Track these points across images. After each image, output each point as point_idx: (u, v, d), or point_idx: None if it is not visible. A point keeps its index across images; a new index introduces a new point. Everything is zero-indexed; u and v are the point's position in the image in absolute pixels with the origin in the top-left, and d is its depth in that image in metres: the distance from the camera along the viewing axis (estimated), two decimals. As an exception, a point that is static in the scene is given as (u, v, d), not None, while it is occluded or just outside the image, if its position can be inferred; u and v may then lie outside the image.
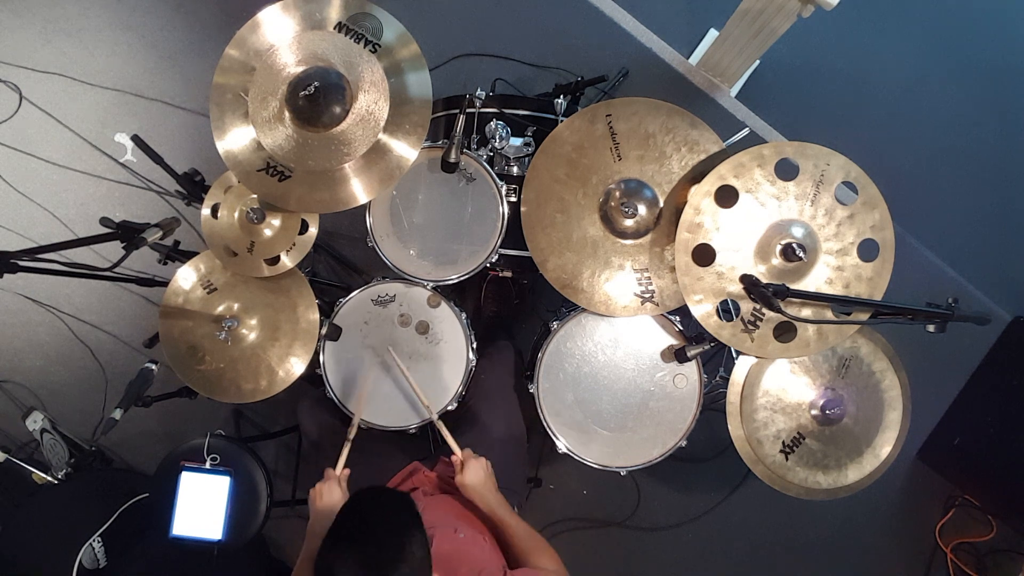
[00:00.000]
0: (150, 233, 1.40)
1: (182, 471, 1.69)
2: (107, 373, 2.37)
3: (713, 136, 1.47)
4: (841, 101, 2.39)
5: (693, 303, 1.41)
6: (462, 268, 1.60)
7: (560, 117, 1.66)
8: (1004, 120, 2.39)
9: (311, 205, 1.45)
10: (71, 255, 1.69)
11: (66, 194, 2.38)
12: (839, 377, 1.53)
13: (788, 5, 1.74)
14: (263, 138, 1.41)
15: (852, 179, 1.38)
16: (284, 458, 2.32)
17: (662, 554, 2.35)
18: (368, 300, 1.66)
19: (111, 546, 1.98)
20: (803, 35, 1.98)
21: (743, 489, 2.33)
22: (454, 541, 1.24)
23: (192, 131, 2.38)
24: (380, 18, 1.41)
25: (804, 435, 1.52)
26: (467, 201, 1.59)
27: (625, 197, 1.47)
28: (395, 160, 1.42)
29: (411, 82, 1.41)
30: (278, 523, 2.20)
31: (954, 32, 2.41)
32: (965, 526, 2.32)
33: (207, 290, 1.62)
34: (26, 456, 2.29)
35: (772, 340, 1.41)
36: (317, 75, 1.37)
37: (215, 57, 1.41)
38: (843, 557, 2.36)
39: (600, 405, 1.61)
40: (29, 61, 2.38)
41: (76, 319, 2.37)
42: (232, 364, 1.60)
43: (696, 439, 1.61)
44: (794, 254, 1.33)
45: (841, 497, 1.56)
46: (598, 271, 1.52)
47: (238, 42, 1.42)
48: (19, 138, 2.38)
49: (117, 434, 2.11)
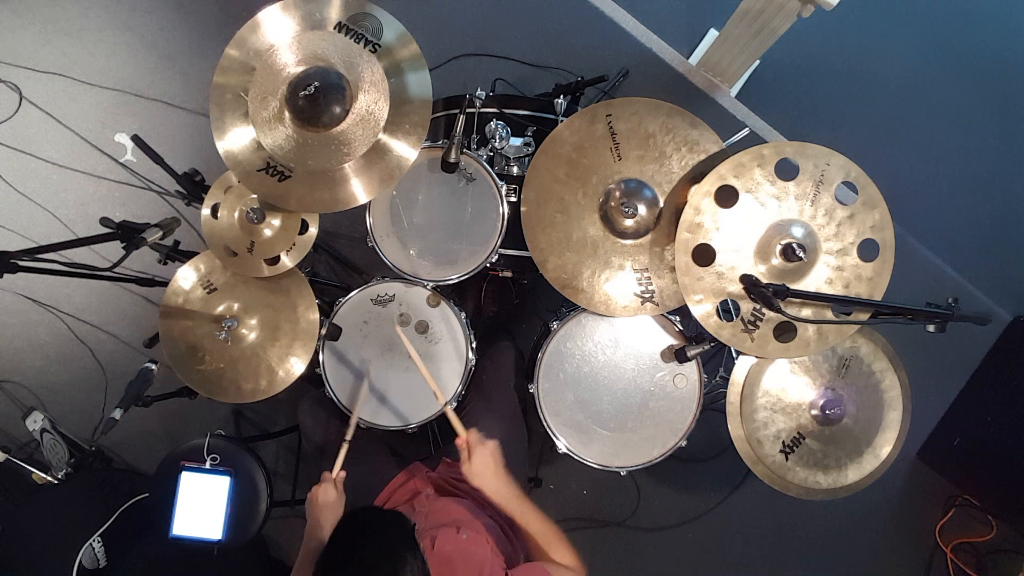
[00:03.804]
0: (150, 233, 1.40)
1: (182, 471, 1.69)
2: (107, 373, 2.37)
3: (713, 136, 1.47)
4: (841, 101, 2.40)
5: (693, 303, 1.41)
6: (462, 268, 1.60)
7: (560, 117, 1.67)
8: (1004, 120, 2.39)
9: (311, 205, 1.45)
10: (71, 255, 1.70)
11: (66, 194, 2.38)
12: (839, 377, 1.53)
13: (788, 5, 1.74)
14: (263, 138, 1.41)
15: (852, 179, 1.38)
16: (284, 458, 2.32)
17: (662, 554, 2.35)
18: (368, 300, 1.66)
19: (111, 546, 1.98)
20: (803, 35, 1.98)
21: (743, 489, 2.33)
22: (456, 542, 1.24)
23: (192, 131, 2.38)
24: (380, 18, 1.40)
25: (804, 435, 1.52)
26: (467, 201, 1.60)
27: (625, 197, 1.47)
28: (395, 160, 1.42)
29: (411, 82, 1.41)
30: (278, 523, 2.20)
31: (954, 32, 2.41)
32: (965, 526, 2.32)
33: (207, 290, 1.62)
34: (26, 456, 2.29)
35: (772, 340, 1.41)
36: (317, 75, 1.37)
37: (215, 57, 1.41)
38: (843, 557, 2.36)
39: (600, 405, 1.61)
40: (29, 61, 2.38)
41: (76, 319, 2.37)
42: (232, 364, 1.60)
43: (696, 439, 1.61)
44: (794, 254, 1.33)
45: (841, 497, 1.56)
46: (598, 271, 1.52)
47: (238, 42, 1.42)
48: (19, 138, 2.38)
49: (117, 434, 2.11)
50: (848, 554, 2.36)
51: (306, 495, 1.40)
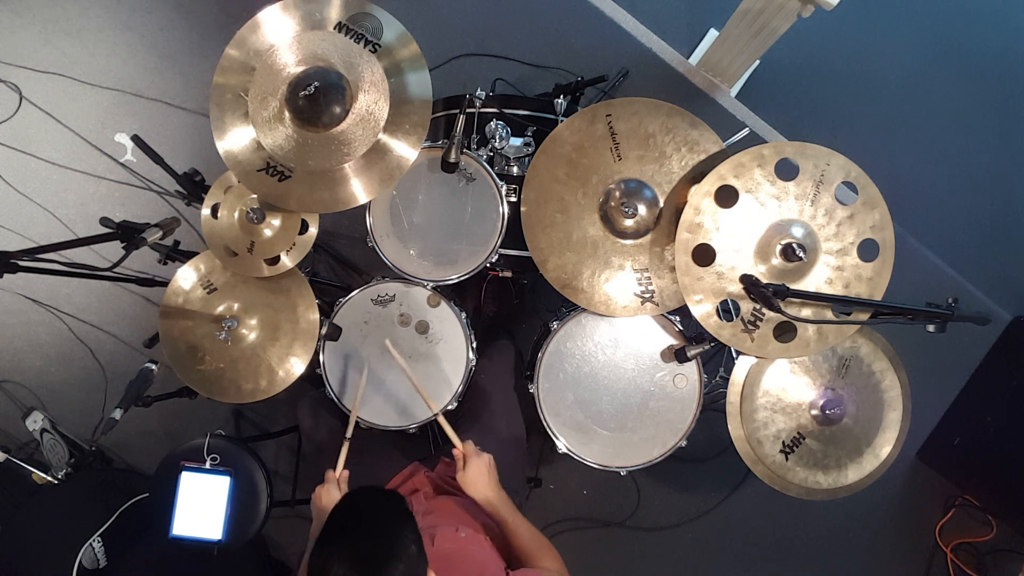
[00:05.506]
0: (150, 233, 1.40)
1: (182, 471, 1.68)
2: (107, 373, 2.37)
3: (713, 136, 1.47)
4: (841, 101, 2.39)
5: (693, 303, 1.41)
6: (462, 268, 1.60)
7: (560, 117, 1.67)
8: (1004, 120, 2.39)
9: (311, 205, 1.45)
10: (71, 255, 1.69)
11: (66, 194, 2.38)
12: (839, 377, 1.53)
13: (788, 5, 1.74)
14: (263, 138, 1.41)
15: (852, 179, 1.38)
16: (284, 458, 2.32)
17: (662, 554, 2.35)
18: (368, 300, 1.66)
19: (111, 546, 1.99)
20: (803, 35, 1.98)
21: (743, 489, 2.33)
22: (456, 540, 1.24)
23: (192, 131, 2.38)
24: (380, 18, 1.40)
25: (804, 435, 1.52)
26: (467, 201, 1.60)
27: (625, 197, 1.47)
28: (395, 160, 1.42)
29: (411, 82, 1.41)
30: (278, 523, 2.20)
31: (954, 32, 2.41)
32: (965, 526, 2.32)
33: (207, 290, 1.62)
34: (26, 456, 2.29)
35: (772, 340, 1.41)
36: (317, 75, 1.37)
37: (215, 57, 1.41)
38: (843, 557, 2.36)
39: (600, 405, 1.61)
40: (29, 61, 2.38)
41: (76, 319, 2.37)
42: (232, 364, 1.60)
43: (696, 439, 1.61)
44: (794, 254, 1.33)
45: (841, 497, 1.56)
46: (598, 271, 1.52)
47: (238, 42, 1.42)
48: (19, 138, 2.38)
49: (117, 434, 2.10)
50: (848, 554, 2.36)
51: (306, 495, 1.41)
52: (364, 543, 0.99)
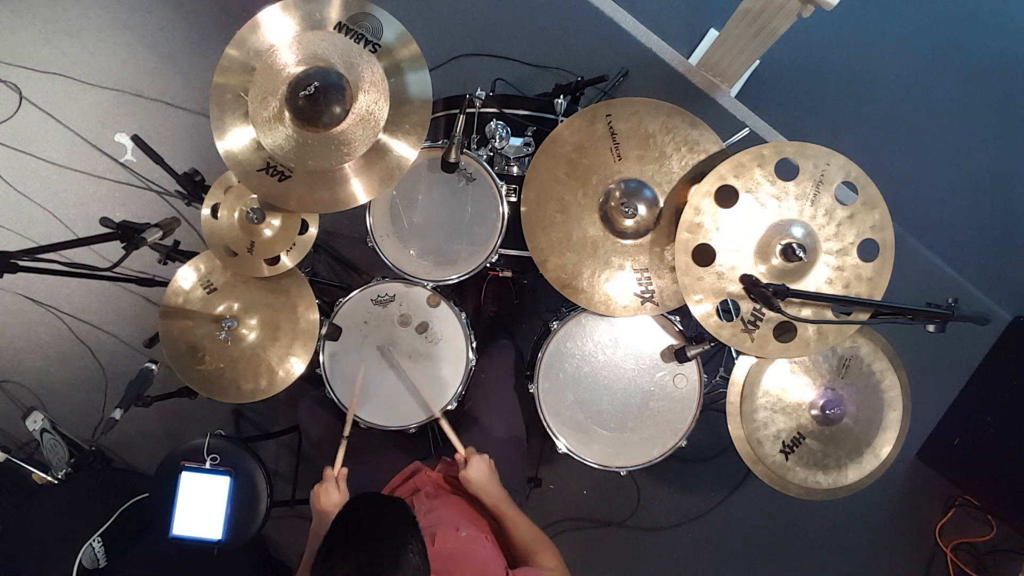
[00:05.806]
0: (150, 233, 1.40)
1: (182, 471, 1.69)
2: (107, 373, 2.37)
3: (713, 136, 1.47)
4: (841, 101, 2.39)
5: (693, 303, 1.41)
6: (462, 268, 1.60)
7: (560, 117, 1.67)
8: (1004, 120, 2.39)
9: (311, 205, 1.45)
10: (71, 255, 1.69)
11: (66, 194, 2.38)
12: (839, 377, 1.53)
13: (788, 5, 1.74)
14: (263, 138, 1.41)
15: (852, 179, 1.38)
16: (284, 458, 2.32)
17: (662, 554, 2.35)
18: (368, 300, 1.66)
19: (111, 546, 1.98)
20: (803, 35, 1.98)
21: (743, 489, 2.33)
22: (457, 540, 1.24)
23: (192, 131, 2.38)
24: (380, 18, 1.40)
25: (804, 435, 1.52)
26: (467, 201, 1.59)
27: (625, 197, 1.47)
28: (395, 160, 1.42)
29: (411, 82, 1.41)
30: (278, 523, 2.20)
31: (954, 32, 2.41)
32: (965, 526, 2.32)
33: (207, 290, 1.62)
34: (26, 456, 2.29)
35: (772, 340, 1.41)
36: (317, 75, 1.37)
37: (215, 57, 1.41)
38: (843, 557, 2.36)
39: (600, 405, 1.61)
40: (29, 61, 2.38)
41: (76, 319, 2.37)
42: (232, 364, 1.60)
43: (696, 439, 1.61)
44: (794, 254, 1.33)
45: (841, 497, 1.56)
46: (598, 271, 1.52)
47: (238, 42, 1.42)
48: (19, 138, 2.38)
49: (117, 434, 2.10)
50: (848, 554, 2.36)
51: (306, 495, 1.41)
52: (366, 554, 0.99)
